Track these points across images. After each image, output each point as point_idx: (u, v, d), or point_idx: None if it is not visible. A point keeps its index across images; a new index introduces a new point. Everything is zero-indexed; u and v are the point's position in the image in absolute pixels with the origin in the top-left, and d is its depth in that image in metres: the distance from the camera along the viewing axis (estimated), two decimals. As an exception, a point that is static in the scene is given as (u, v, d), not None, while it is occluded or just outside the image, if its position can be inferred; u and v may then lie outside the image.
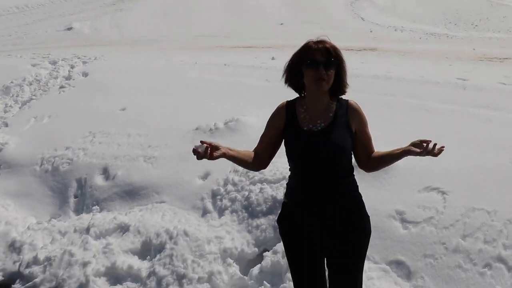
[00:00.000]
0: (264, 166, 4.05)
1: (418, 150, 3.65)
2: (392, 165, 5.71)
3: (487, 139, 6.71)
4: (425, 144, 3.61)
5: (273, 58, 13.97)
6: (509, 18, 26.69)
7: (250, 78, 11.32)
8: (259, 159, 3.97)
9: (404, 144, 3.86)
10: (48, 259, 6.23)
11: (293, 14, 30.98)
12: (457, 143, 6.69)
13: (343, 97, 3.94)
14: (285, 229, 4.03)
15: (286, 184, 4.09)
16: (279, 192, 6.31)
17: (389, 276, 5.17)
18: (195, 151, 3.55)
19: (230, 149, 3.79)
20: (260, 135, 4.02)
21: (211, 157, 3.61)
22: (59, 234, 6.77)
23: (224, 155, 3.70)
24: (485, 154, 6.31)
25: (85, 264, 6.02)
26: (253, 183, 6.61)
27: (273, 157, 4.02)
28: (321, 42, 3.76)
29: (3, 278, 6.37)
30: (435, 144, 3.64)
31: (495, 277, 4.89)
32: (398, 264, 5.26)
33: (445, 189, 5.80)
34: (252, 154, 3.97)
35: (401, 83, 9.51)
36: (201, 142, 3.60)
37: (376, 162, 3.99)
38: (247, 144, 7.10)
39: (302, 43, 3.80)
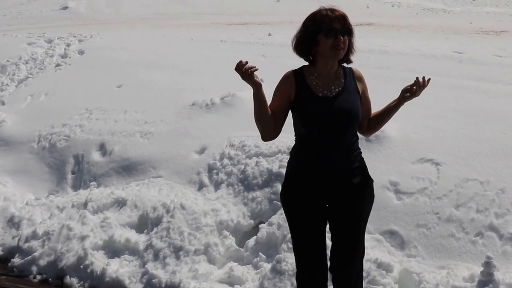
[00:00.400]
0: (275, 135, 4.01)
1: (409, 94, 3.89)
2: (386, 137, 5.77)
3: (481, 111, 6.75)
4: (416, 85, 3.87)
5: (269, 34, 13.96)
6: (507, -8, 26.65)
7: (246, 54, 11.25)
8: (274, 125, 3.93)
9: (401, 118, 3.96)
10: (47, 234, 6.24)
11: (289, -9, 30.82)
12: (451, 115, 6.72)
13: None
14: (290, 199, 4.02)
15: (290, 152, 4.08)
16: (275, 165, 6.35)
17: (382, 246, 5.24)
18: (238, 65, 3.70)
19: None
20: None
21: (250, 77, 3.72)
22: (57, 209, 6.77)
23: (259, 86, 3.77)
24: (479, 126, 6.34)
25: (83, 238, 6.04)
26: (249, 157, 6.65)
27: (281, 126, 3.96)
28: (335, 10, 3.78)
29: (2, 253, 6.41)
30: (423, 79, 3.87)
31: (487, 245, 4.97)
32: (391, 234, 5.32)
33: (439, 160, 5.86)
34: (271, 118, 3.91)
35: (396, 57, 9.52)
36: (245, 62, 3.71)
37: (374, 122, 4.08)
38: (244, 118, 7.20)
39: (299, 18, 3.82)
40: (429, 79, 3.89)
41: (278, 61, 10.20)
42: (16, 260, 6.14)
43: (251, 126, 5.57)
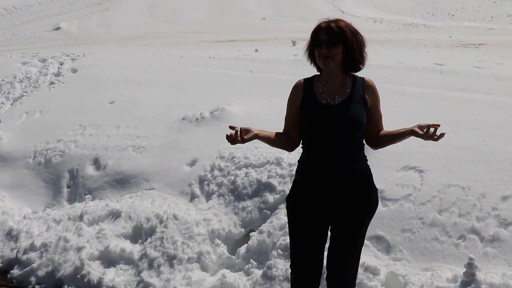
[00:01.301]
0: (297, 144, 4.06)
1: (421, 132, 3.68)
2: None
3: (462, 120, 6.78)
4: (431, 129, 3.64)
5: (256, 50, 14.00)
6: (483, 8, 26.82)
7: (234, 70, 11.33)
8: (290, 139, 4.02)
9: (385, 127, 3.98)
10: (44, 245, 6.25)
11: (274, 9, 30.98)
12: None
13: (359, 74, 3.99)
14: (295, 204, 4.04)
15: (298, 160, 4.09)
16: (264, 176, 6.38)
17: (369, 250, 5.25)
18: (228, 137, 3.67)
19: (262, 131, 3.89)
20: (284, 117, 4.05)
21: (243, 140, 3.70)
22: (54, 222, 6.78)
23: (256, 136, 3.80)
24: (460, 134, 6.38)
25: (79, 249, 6.05)
26: (239, 168, 6.67)
27: (299, 134, 4.00)
28: (328, 21, 3.83)
29: (1, 265, 6.40)
30: (436, 129, 3.65)
31: (469, 247, 5.01)
32: (378, 239, 5.35)
33: (422, 167, 5.90)
34: (283, 135, 4.03)
35: (380, 70, 9.56)
36: (231, 127, 3.71)
37: (383, 140, 4.04)
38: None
39: (285, 35, 3.89)
40: (442, 134, 3.67)
41: (265, 76, 10.26)
42: (15, 272, 6.14)
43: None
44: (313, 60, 3.91)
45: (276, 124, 4.26)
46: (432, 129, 3.65)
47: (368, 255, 5.18)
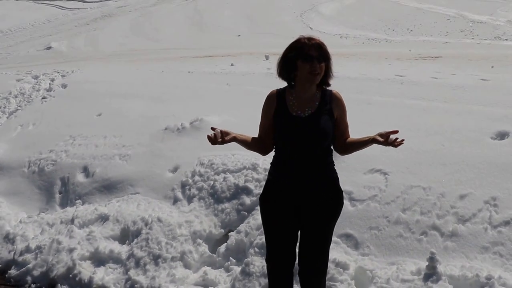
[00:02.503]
0: (270, 149, 4.12)
1: (382, 139, 3.75)
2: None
3: (422, 126, 6.80)
4: (391, 136, 3.74)
5: (232, 65, 13.97)
6: (439, 23, 27.02)
7: (212, 83, 11.30)
8: (264, 144, 4.09)
9: (352, 135, 3.99)
10: (39, 248, 6.23)
11: (248, 26, 30.95)
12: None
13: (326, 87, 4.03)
14: (267, 203, 4.10)
15: (271, 163, 4.14)
16: (241, 180, 6.36)
17: (340, 247, 5.24)
18: (209, 138, 3.84)
19: (240, 135, 4.02)
20: (259, 124, 4.11)
21: (223, 141, 3.87)
22: (47, 225, 6.75)
23: (234, 139, 3.94)
24: (420, 139, 6.38)
25: (71, 250, 6.02)
26: (217, 173, 6.63)
27: (272, 140, 4.06)
28: (313, 39, 3.86)
29: (0, 265, 6.38)
30: (397, 138, 3.73)
31: (430, 242, 5.02)
32: (347, 237, 5.33)
33: (386, 170, 5.90)
34: (258, 139, 4.11)
35: (346, 81, 9.56)
36: (212, 128, 3.88)
37: (349, 147, 4.07)
38: (211, 140, 7.18)
39: (259, 50, 3.89)
40: (402, 141, 3.76)
41: (241, 88, 10.26)
42: (13, 272, 6.13)
43: (218, 146, 5.58)
44: (287, 72, 3.91)
45: (251, 132, 4.24)
46: (392, 136, 3.72)
47: (338, 252, 5.17)
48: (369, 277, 4.88)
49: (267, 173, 6.09)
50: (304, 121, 3.87)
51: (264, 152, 4.16)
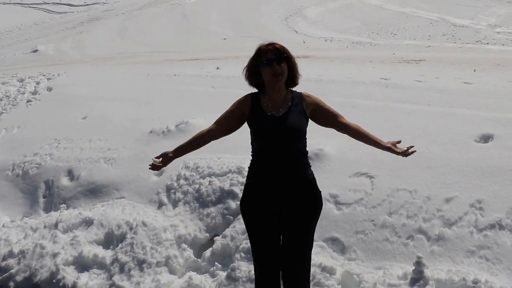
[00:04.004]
0: (217, 137, 4.24)
1: (398, 150, 4.03)
2: (325, 155, 5.82)
3: (407, 129, 6.75)
4: (405, 148, 4.04)
5: (217, 68, 13.90)
6: (422, 28, 27.25)
7: (197, 86, 11.23)
8: (210, 135, 4.21)
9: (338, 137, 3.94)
10: (22, 252, 6.08)
11: (234, 30, 31.02)
12: (381, 133, 6.68)
13: (296, 90, 4.13)
14: (248, 207, 4.11)
15: (249, 167, 4.16)
16: (226, 184, 6.26)
17: (326, 252, 5.17)
18: (152, 168, 4.11)
19: (176, 149, 4.19)
20: (219, 117, 4.18)
21: (165, 165, 4.15)
22: (31, 230, 6.60)
23: (173, 158, 4.15)
24: (405, 142, 6.18)
25: (55, 255, 5.88)
26: (203, 177, 6.53)
27: (225, 135, 4.21)
28: (270, 44, 3.99)
29: (-18, 271, 6.21)
30: (410, 147, 4.04)
31: (417, 246, 4.96)
32: (333, 241, 5.26)
33: (372, 173, 5.85)
34: (201, 136, 4.22)
35: (331, 84, 9.53)
36: (153, 159, 4.13)
37: (358, 135, 4.23)
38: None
39: (244, 53, 3.89)
40: (414, 151, 4.08)
41: (226, 91, 10.19)
42: (-5, 277, 5.96)
43: (204, 149, 5.51)
44: (254, 79, 4.07)
45: (235, 134, 4.18)
46: (408, 149, 4.03)
47: (325, 256, 5.10)
48: (356, 281, 4.80)
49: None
50: (279, 120, 3.96)
51: (209, 142, 4.27)
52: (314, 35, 27.39)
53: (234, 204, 5.98)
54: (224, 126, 4.17)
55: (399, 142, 4.08)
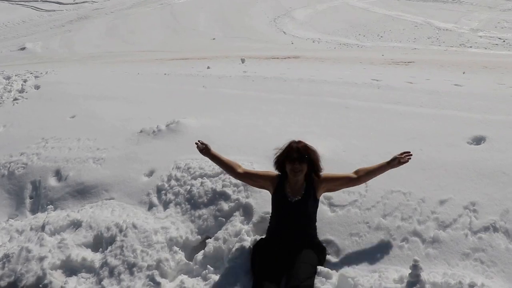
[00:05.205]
0: (234, 176, 5.48)
1: (396, 164, 5.03)
2: (319, 154, 5.86)
3: (399, 131, 6.71)
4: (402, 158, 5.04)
5: (208, 67, 13.78)
6: (407, 30, 27.46)
7: (188, 85, 11.12)
8: (235, 172, 5.32)
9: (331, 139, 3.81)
10: (7, 256, 5.90)
11: (223, 30, 31.02)
12: (374, 134, 6.68)
13: None
14: (260, 251, 4.91)
15: (268, 227, 5.13)
16: (218, 185, 6.15)
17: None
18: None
19: (215, 154, 5.43)
20: (252, 170, 5.56)
21: (203, 151, 5.41)
22: (16, 232, 6.45)
23: (210, 154, 5.43)
24: (398, 143, 6.28)
25: (41, 259, 5.70)
26: (194, 178, 6.40)
27: (244, 180, 5.48)
28: (299, 142, 5.05)
29: (-36, 276, 5.99)
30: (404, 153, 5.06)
31: (412, 249, 4.89)
32: (328, 243, 5.19)
33: (366, 175, 5.75)
34: (234, 166, 5.33)
35: (323, 85, 9.45)
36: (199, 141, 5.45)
37: (367, 178, 5.12)
38: (188, 142, 7.00)
39: (233, 53, 3.80)
40: (410, 155, 5.09)
41: (216, 91, 10.13)
42: (-23, 283, 5.76)
43: (195, 149, 5.36)
44: (280, 168, 5.10)
45: (227, 134, 4.07)
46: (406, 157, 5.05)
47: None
48: (351, 285, 4.68)
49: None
50: (293, 205, 4.94)
51: (229, 173, 5.58)
52: (302, 36, 27.44)
53: (226, 206, 5.86)
54: (248, 178, 5.32)
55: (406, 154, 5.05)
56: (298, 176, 4.92)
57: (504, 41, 23.18)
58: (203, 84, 10.95)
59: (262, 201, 5.70)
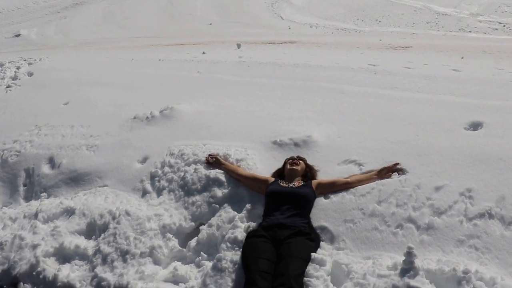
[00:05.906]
0: (238, 178, 5.86)
1: (385, 175, 5.41)
2: (313, 142, 5.90)
3: (396, 116, 6.68)
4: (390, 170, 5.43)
5: (203, 53, 13.71)
6: (406, 15, 27.26)
7: (182, 71, 11.05)
8: (239, 174, 5.85)
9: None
10: (0, 244, 5.92)
11: (220, 15, 30.82)
12: (370, 120, 6.66)
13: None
14: (253, 237, 4.88)
15: (263, 215, 5.28)
16: (212, 171, 6.13)
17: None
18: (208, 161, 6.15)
19: (226, 164, 6.06)
20: (257, 174, 5.83)
21: (213, 164, 6.13)
22: (10, 220, 6.43)
23: (221, 166, 6.05)
24: (394, 129, 6.27)
25: (34, 247, 5.72)
26: (188, 164, 6.39)
27: (245, 181, 5.78)
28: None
29: (-43, 264, 6.01)
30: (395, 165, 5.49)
31: (406, 235, 4.88)
32: (322, 230, 5.18)
33: (361, 161, 5.79)
34: (239, 171, 5.89)
35: (319, 70, 9.41)
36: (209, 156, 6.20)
37: (357, 184, 5.40)
38: (182, 129, 6.97)
39: (230, 38, 3.83)
40: (397, 166, 5.52)
41: (212, 76, 10.07)
42: (-30, 271, 5.77)
43: (189, 136, 5.34)
44: (279, 175, 5.66)
45: (222, 120, 4.06)
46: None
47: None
48: (345, 271, 4.69)
49: (239, 164, 6.00)
50: (289, 188, 5.30)
51: (235, 175, 5.92)
52: (300, 21, 27.29)
53: (219, 192, 5.86)
54: (249, 179, 5.73)
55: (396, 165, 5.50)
56: (295, 168, 5.51)
57: (504, 26, 23.06)
58: (198, 69, 10.91)
59: (255, 188, 5.70)
